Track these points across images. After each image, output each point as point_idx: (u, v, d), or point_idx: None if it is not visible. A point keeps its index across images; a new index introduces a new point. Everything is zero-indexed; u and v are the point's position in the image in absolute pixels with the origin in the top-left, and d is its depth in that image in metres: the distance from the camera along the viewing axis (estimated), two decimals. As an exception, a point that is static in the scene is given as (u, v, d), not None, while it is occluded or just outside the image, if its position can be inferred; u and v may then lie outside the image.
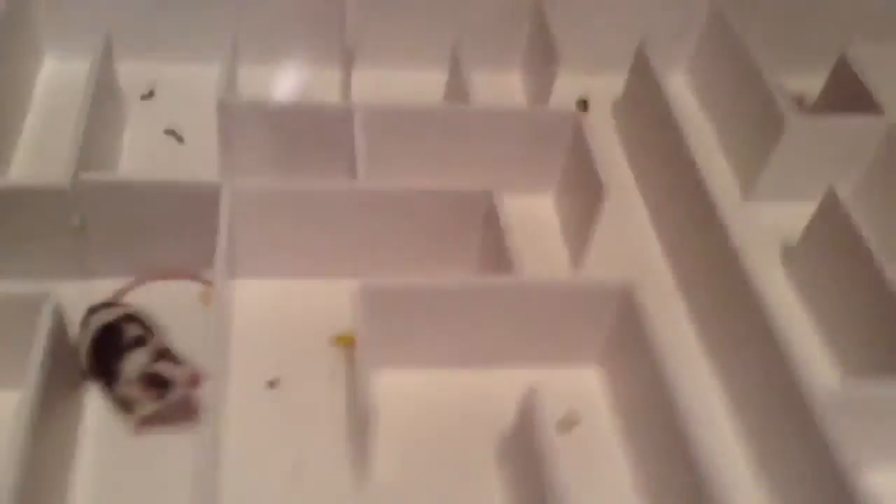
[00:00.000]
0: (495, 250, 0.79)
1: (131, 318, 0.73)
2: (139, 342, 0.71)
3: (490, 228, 0.81)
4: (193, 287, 0.81)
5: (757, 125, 0.95)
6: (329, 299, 0.81)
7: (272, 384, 0.76)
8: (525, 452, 0.67)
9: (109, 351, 0.71)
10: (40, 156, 0.91)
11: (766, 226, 0.95)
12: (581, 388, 0.79)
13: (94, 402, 0.73)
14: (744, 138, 0.98)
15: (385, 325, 0.72)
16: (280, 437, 0.73)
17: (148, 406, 0.70)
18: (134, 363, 0.69)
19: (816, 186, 0.88)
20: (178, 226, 0.78)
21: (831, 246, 0.84)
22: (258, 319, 0.80)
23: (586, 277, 0.84)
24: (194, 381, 0.69)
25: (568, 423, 0.75)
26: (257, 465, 0.71)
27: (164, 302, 0.79)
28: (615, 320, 0.76)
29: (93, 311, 0.74)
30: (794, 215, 0.92)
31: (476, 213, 0.81)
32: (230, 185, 0.76)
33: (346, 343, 0.78)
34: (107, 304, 0.76)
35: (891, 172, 0.93)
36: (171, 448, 0.70)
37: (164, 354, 0.70)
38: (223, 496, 0.68)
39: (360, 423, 0.68)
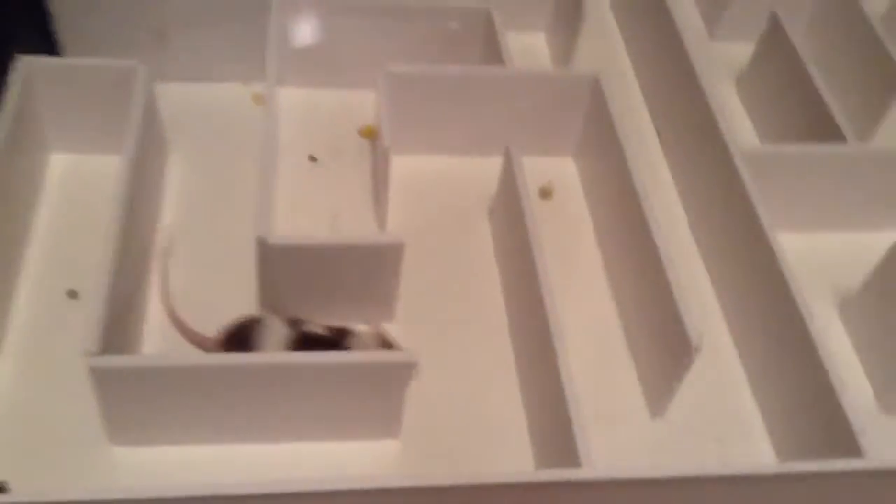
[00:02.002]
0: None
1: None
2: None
3: (490, 47, 0.99)
4: (246, 91, 1.01)
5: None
6: (357, 104, 1.00)
7: (312, 158, 0.95)
8: (509, 207, 0.86)
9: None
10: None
11: (724, 60, 1.12)
12: (559, 174, 0.98)
13: (177, 167, 0.92)
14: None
15: (401, 112, 0.91)
16: (319, 200, 0.92)
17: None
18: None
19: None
20: (232, 35, 0.96)
21: (775, 65, 1.02)
22: (299, 118, 0.99)
23: (564, 69, 1.02)
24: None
25: (545, 192, 0.94)
26: (302, 217, 0.90)
27: (222, 106, 0.98)
28: (588, 110, 0.94)
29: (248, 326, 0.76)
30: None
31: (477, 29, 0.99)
32: (279, -4, 0.94)
33: (369, 133, 0.98)
34: (255, 319, 0.77)
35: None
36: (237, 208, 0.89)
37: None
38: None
39: (379, 183, 0.87)
